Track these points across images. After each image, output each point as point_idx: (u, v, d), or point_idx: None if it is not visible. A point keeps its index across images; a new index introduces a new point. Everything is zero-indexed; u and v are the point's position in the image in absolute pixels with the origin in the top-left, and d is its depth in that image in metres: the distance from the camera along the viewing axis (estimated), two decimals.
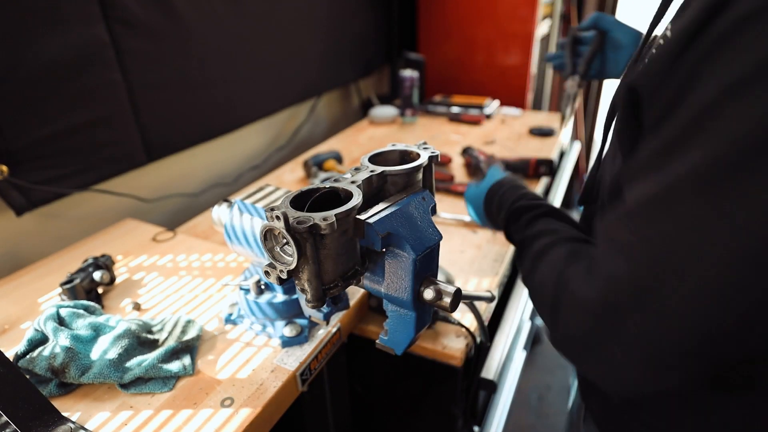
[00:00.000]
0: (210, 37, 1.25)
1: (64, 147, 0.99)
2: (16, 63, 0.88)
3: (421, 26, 2.17)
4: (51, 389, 0.65)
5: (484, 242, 1.07)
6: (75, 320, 0.70)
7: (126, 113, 1.08)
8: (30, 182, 0.94)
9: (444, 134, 1.74)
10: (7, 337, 0.76)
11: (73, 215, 1.09)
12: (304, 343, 0.74)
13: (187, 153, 1.30)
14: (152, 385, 0.66)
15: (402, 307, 0.45)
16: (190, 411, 0.63)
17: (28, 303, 0.85)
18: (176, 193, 1.30)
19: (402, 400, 0.97)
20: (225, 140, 1.42)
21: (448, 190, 1.27)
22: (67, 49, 0.94)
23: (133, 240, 1.04)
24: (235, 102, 1.39)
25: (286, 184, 1.39)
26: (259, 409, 0.63)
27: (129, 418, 0.62)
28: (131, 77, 1.07)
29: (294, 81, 1.61)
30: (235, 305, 0.81)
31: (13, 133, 0.90)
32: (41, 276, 0.92)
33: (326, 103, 1.92)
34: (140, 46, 1.08)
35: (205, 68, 1.26)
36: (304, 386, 0.73)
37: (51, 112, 0.95)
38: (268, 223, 0.39)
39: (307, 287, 0.41)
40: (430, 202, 0.47)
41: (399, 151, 0.50)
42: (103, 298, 0.85)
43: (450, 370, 0.82)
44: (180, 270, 0.94)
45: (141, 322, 0.74)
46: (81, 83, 0.98)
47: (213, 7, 1.24)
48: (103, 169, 1.07)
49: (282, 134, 1.69)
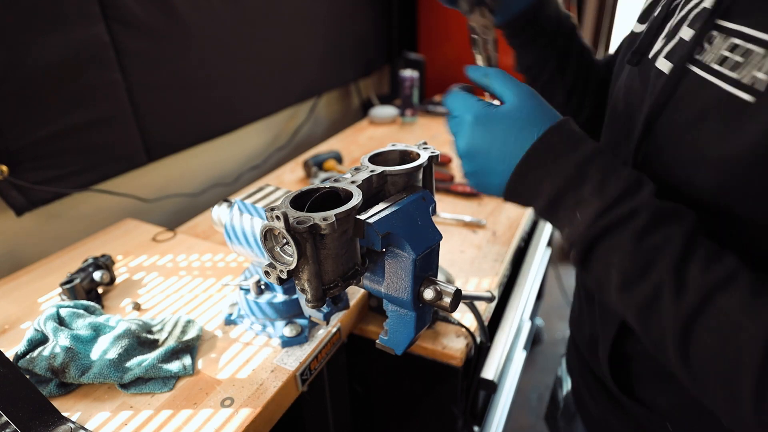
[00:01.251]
0: (210, 37, 1.25)
1: (64, 147, 0.99)
2: (16, 63, 0.88)
3: (421, 26, 2.17)
4: (51, 389, 0.65)
5: (484, 242, 1.07)
6: (75, 320, 0.70)
7: (126, 113, 1.08)
8: (30, 182, 0.94)
9: (444, 134, 1.74)
10: (7, 337, 0.76)
11: (73, 215, 1.09)
12: (304, 343, 0.74)
13: (187, 153, 1.30)
14: (152, 385, 0.66)
15: (402, 307, 0.45)
16: (190, 411, 0.63)
17: (28, 303, 0.85)
18: (176, 193, 1.30)
19: (402, 400, 0.97)
20: (225, 140, 1.42)
21: (448, 190, 1.27)
22: (67, 49, 0.94)
23: (133, 240, 1.04)
24: (235, 102, 1.39)
25: (286, 184, 1.39)
26: (259, 409, 0.63)
27: (129, 418, 0.62)
28: (131, 77, 1.07)
29: (294, 81, 1.61)
30: (235, 305, 0.81)
31: (13, 133, 0.90)
32: (41, 276, 0.92)
33: (326, 103, 1.92)
34: (140, 46, 1.08)
35: (205, 68, 1.26)
36: (304, 386, 0.73)
37: (51, 112, 0.95)
38: (268, 223, 0.39)
39: (307, 287, 0.41)
40: (430, 202, 0.47)
41: (399, 151, 0.50)
42: (103, 298, 0.85)
43: (450, 370, 0.82)
44: (180, 270, 0.94)
45: (141, 322, 0.74)
46: (81, 83, 0.98)
47: (213, 7, 1.24)
48: (103, 169, 1.07)
49: (282, 134, 1.69)
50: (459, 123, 0.46)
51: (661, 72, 0.42)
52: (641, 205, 0.36)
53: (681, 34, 0.42)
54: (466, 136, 0.44)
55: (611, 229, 0.36)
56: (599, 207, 0.37)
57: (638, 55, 0.48)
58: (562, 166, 0.39)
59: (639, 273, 0.35)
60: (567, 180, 0.39)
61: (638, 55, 0.48)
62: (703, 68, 0.38)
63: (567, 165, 0.39)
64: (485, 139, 0.43)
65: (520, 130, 0.41)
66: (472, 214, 1.16)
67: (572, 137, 0.40)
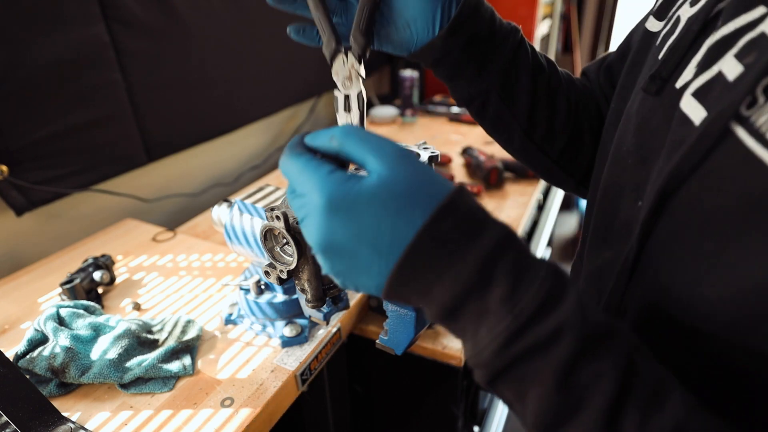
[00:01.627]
0: (210, 37, 1.25)
1: (64, 147, 0.99)
2: (17, 63, 0.88)
3: None
4: (51, 389, 0.65)
5: None
6: (75, 320, 0.70)
7: (126, 113, 1.08)
8: (30, 182, 0.94)
9: (444, 134, 1.74)
10: (7, 337, 0.76)
11: (73, 215, 1.09)
12: (304, 343, 0.74)
13: (187, 153, 1.30)
14: (152, 385, 0.66)
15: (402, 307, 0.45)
16: (190, 411, 0.63)
17: (28, 303, 0.85)
18: (176, 193, 1.30)
19: (402, 400, 0.97)
20: (225, 140, 1.42)
21: None
22: (67, 50, 0.94)
23: (133, 240, 1.04)
24: (235, 102, 1.39)
25: (286, 184, 1.39)
26: (259, 409, 0.63)
27: (129, 418, 0.62)
28: (131, 77, 1.07)
29: (294, 81, 1.61)
30: (235, 305, 0.81)
31: (13, 133, 0.90)
32: (41, 276, 0.92)
33: (326, 103, 1.92)
34: (140, 46, 1.08)
35: (205, 68, 1.26)
36: (304, 386, 0.73)
37: (51, 112, 0.95)
38: (268, 223, 0.39)
39: (307, 287, 0.41)
40: None
41: None
42: (103, 298, 0.85)
43: (450, 370, 0.82)
44: (180, 270, 0.94)
45: (141, 322, 0.74)
46: (81, 83, 0.98)
47: (213, 7, 1.24)
48: (103, 169, 1.07)
49: (282, 134, 1.69)
50: (306, 205, 0.31)
51: (689, 120, 0.30)
52: (565, 325, 0.27)
53: (722, 66, 0.29)
54: (320, 227, 0.30)
55: (526, 358, 0.27)
56: (510, 327, 0.27)
57: (659, 82, 0.35)
58: (459, 267, 0.28)
59: (560, 419, 0.27)
60: (466, 286, 0.28)
61: (658, 81, 0.35)
62: (754, 135, 0.26)
63: (465, 265, 0.28)
64: (348, 232, 0.30)
65: (396, 214, 0.29)
66: None
67: (469, 220, 0.29)
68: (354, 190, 0.30)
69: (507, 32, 0.49)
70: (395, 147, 0.31)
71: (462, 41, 0.46)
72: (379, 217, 0.29)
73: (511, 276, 0.28)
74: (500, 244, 0.29)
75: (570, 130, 0.54)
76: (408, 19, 0.45)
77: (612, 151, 0.42)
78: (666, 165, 0.31)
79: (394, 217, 0.29)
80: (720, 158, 0.28)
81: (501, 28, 0.49)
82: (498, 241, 0.29)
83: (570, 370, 0.27)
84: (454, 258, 0.28)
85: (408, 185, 0.29)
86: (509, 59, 0.49)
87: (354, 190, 0.30)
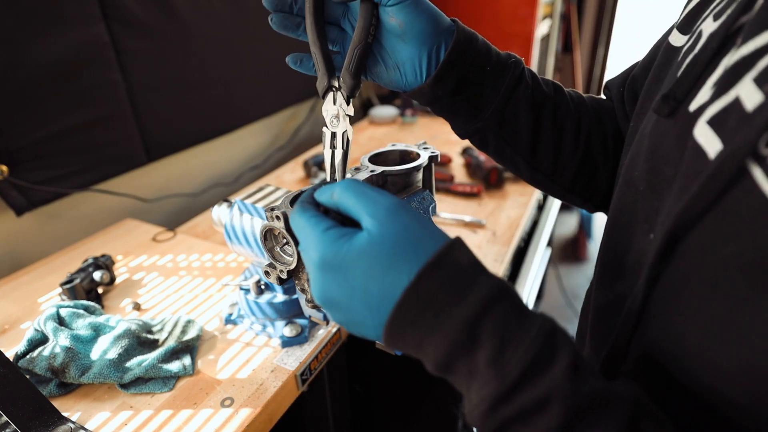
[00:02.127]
0: (210, 37, 1.25)
1: (64, 147, 0.99)
2: (16, 63, 0.88)
3: None
4: (51, 389, 0.65)
5: (484, 242, 1.07)
6: (75, 320, 0.71)
7: (126, 113, 1.08)
8: (30, 182, 0.94)
9: (444, 134, 1.74)
10: (7, 337, 0.76)
11: (73, 215, 1.09)
12: (304, 343, 0.74)
13: (187, 153, 1.30)
14: (152, 385, 0.66)
15: None
16: (190, 411, 0.63)
17: (28, 303, 0.85)
18: (176, 193, 1.30)
19: (402, 400, 0.97)
20: (225, 140, 1.42)
21: (448, 190, 1.27)
22: (67, 49, 0.94)
23: (133, 240, 1.04)
24: (235, 102, 1.39)
25: (286, 184, 1.39)
26: (259, 409, 0.63)
27: (129, 418, 0.62)
28: (131, 77, 1.07)
29: (294, 81, 1.61)
30: (235, 305, 0.81)
31: (13, 133, 0.90)
32: (41, 276, 0.92)
33: None
34: (140, 46, 1.08)
35: (205, 68, 1.26)
36: (304, 386, 0.73)
37: (51, 112, 0.95)
38: (268, 223, 0.39)
39: (307, 287, 0.41)
40: (430, 202, 0.47)
41: (399, 151, 0.50)
42: (103, 298, 0.85)
43: None
44: (180, 270, 0.94)
45: (141, 322, 0.74)
46: (81, 83, 0.98)
47: (213, 7, 1.24)
48: (103, 169, 1.07)
49: (282, 134, 1.69)
50: (306, 260, 0.33)
51: (703, 152, 0.27)
52: (553, 393, 0.26)
53: (740, 90, 0.26)
54: (316, 282, 0.32)
55: (516, 422, 0.27)
56: (497, 390, 0.27)
57: (672, 103, 0.32)
58: (446, 326, 0.28)
59: None
60: (455, 346, 0.28)
61: (672, 102, 0.32)
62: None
63: (451, 324, 0.28)
64: (341, 288, 0.31)
65: (384, 272, 0.29)
66: (472, 214, 1.16)
67: (457, 278, 0.29)
68: (344, 249, 0.30)
69: (503, 68, 0.47)
70: (389, 202, 0.31)
71: (450, 87, 0.45)
72: (367, 276, 0.30)
73: (497, 337, 0.27)
74: (488, 303, 0.28)
75: (580, 156, 0.51)
76: (397, 62, 0.45)
77: (623, 174, 0.39)
78: (676, 204, 0.29)
79: (381, 275, 0.29)
80: (735, 201, 0.25)
81: (497, 65, 0.47)
82: (486, 300, 0.28)
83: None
84: (441, 317, 0.28)
85: (395, 242, 0.30)
86: (506, 97, 0.47)
87: (344, 249, 0.30)
